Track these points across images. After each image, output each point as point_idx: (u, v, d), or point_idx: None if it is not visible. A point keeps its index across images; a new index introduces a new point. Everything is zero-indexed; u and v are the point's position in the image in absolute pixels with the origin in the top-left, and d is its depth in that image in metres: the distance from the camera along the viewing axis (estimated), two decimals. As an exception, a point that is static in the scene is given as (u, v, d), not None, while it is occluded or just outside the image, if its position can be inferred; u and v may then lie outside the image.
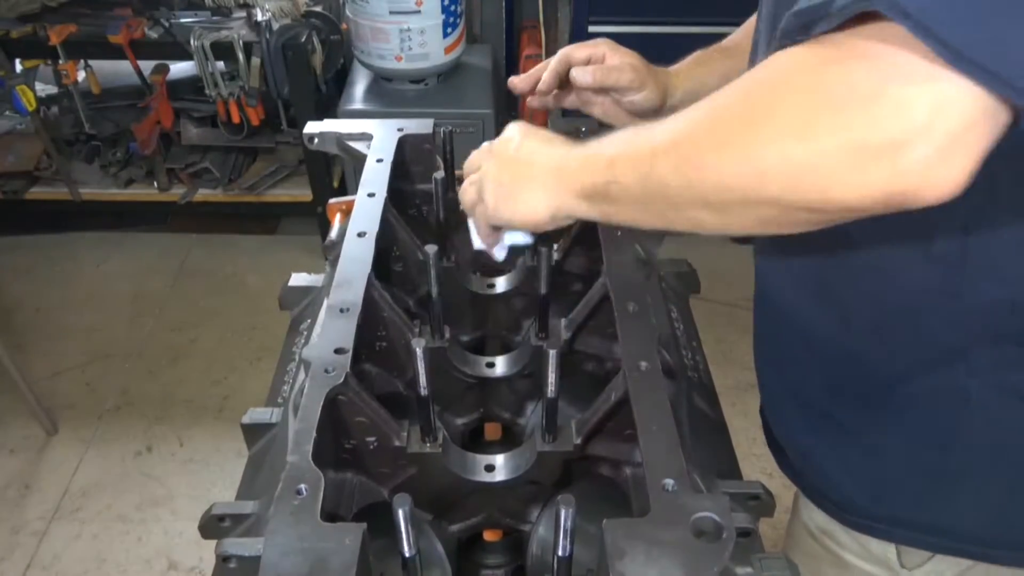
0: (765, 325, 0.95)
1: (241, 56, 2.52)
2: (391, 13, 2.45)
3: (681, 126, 0.62)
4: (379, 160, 1.03)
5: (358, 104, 2.65)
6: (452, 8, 2.54)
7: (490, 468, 0.81)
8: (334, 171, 2.95)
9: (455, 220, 1.08)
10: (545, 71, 1.02)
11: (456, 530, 0.87)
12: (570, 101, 1.06)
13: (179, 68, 2.89)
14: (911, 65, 0.48)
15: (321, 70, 2.64)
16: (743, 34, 1.03)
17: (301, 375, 0.88)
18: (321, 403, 0.71)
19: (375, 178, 1.00)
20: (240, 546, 0.66)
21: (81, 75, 2.80)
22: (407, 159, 1.09)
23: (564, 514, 0.60)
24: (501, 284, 1.03)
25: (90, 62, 2.88)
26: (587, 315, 0.90)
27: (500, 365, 0.94)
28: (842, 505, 0.90)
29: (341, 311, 0.81)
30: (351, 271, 0.86)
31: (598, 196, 0.70)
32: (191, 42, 2.50)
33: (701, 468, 0.76)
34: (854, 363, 0.81)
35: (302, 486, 0.64)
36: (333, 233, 1.08)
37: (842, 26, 0.51)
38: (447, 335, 0.91)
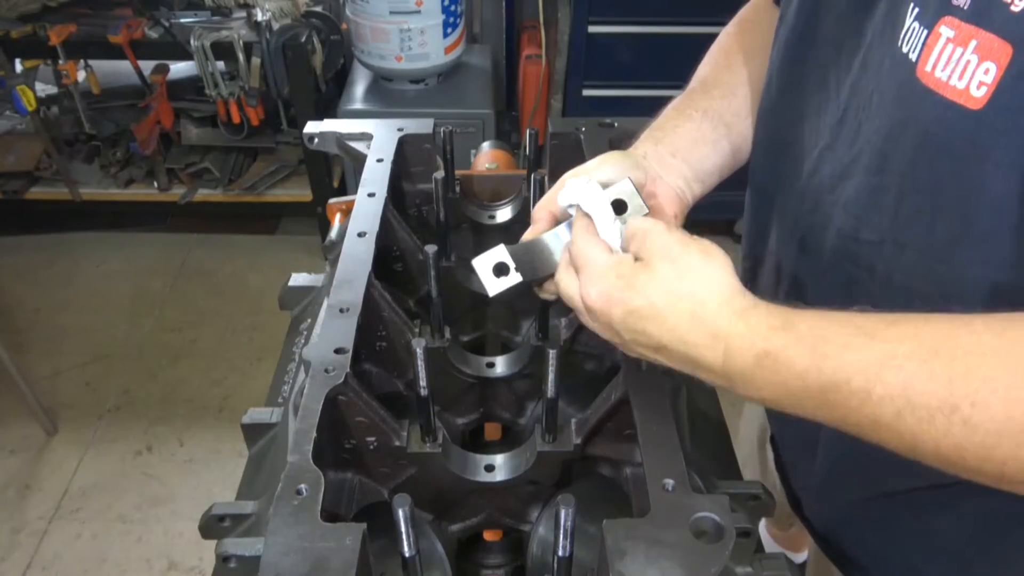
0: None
1: (241, 56, 2.52)
2: (391, 13, 2.45)
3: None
4: (379, 160, 1.03)
5: (358, 104, 2.65)
6: (452, 8, 2.54)
7: (490, 468, 0.81)
8: (334, 171, 2.95)
9: (455, 220, 1.08)
10: None
11: (456, 530, 0.87)
12: None
13: (179, 68, 2.89)
14: None
15: (321, 70, 2.64)
16: (718, 86, 0.91)
17: (301, 375, 0.88)
18: (321, 403, 0.71)
19: (375, 178, 1.00)
20: (240, 546, 0.66)
21: (81, 75, 2.80)
22: (407, 159, 1.09)
23: (564, 514, 0.60)
24: (501, 284, 1.03)
25: (90, 62, 2.88)
26: (587, 315, 0.90)
27: (500, 365, 0.94)
28: None
29: (341, 311, 0.81)
30: (351, 271, 0.86)
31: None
32: (191, 42, 2.50)
33: (701, 468, 0.76)
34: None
35: (302, 486, 0.64)
36: (333, 233, 1.08)
37: None
38: (447, 335, 0.91)
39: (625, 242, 0.68)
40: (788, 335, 0.57)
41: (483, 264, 0.73)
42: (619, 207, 0.71)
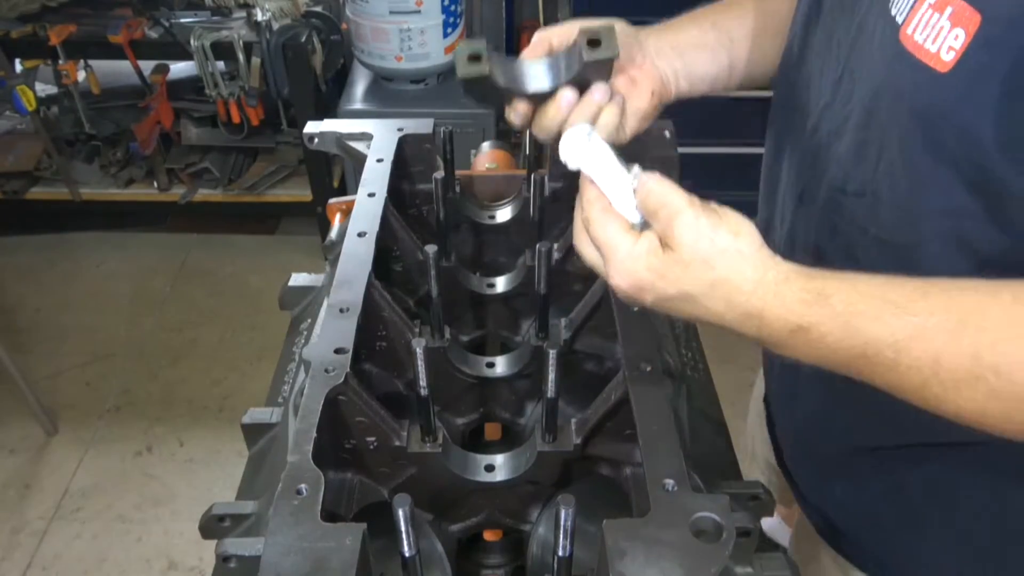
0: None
1: (241, 56, 2.52)
2: (391, 13, 2.45)
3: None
4: (379, 160, 1.03)
5: (358, 104, 2.65)
6: (452, 8, 2.54)
7: (490, 468, 0.81)
8: (334, 171, 2.95)
9: (455, 220, 1.08)
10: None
11: (456, 530, 0.87)
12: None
13: (179, 68, 2.89)
14: None
15: (321, 70, 2.63)
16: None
17: (301, 375, 0.88)
18: (321, 403, 0.71)
19: (375, 178, 1.00)
20: (240, 546, 0.66)
21: (81, 75, 2.80)
22: (407, 159, 1.09)
23: (564, 514, 0.60)
24: (501, 284, 1.03)
25: (90, 62, 2.88)
26: (587, 315, 0.90)
27: (500, 365, 0.94)
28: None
29: (341, 311, 0.81)
30: (351, 271, 0.86)
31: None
32: (191, 42, 2.50)
33: (701, 468, 0.76)
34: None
35: (302, 486, 0.64)
36: (333, 233, 1.08)
37: None
38: (447, 335, 0.91)
39: (644, 210, 0.66)
40: (822, 310, 0.59)
41: (462, 49, 0.74)
42: (593, 42, 0.72)
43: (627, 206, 0.67)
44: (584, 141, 0.70)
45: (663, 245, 0.63)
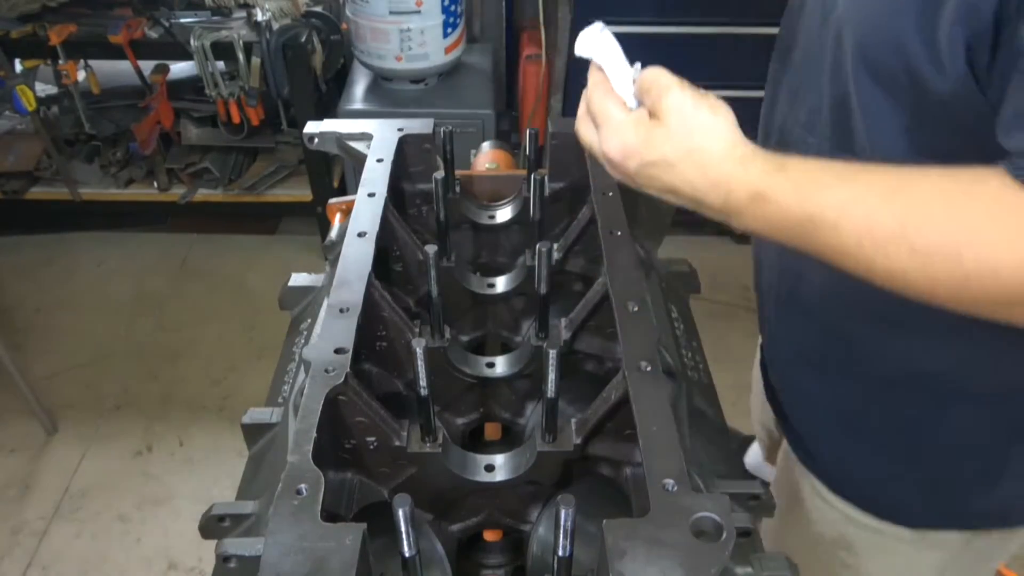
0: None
1: (241, 56, 2.52)
2: (391, 13, 2.45)
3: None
4: (379, 160, 1.03)
5: (358, 104, 2.65)
6: (452, 8, 2.54)
7: (490, 468, 0.81)
8: (334, 171, 2.95)
9: (455, 220, 1.08)
10: None
11: (456, 530, 0.87)
12: None
13: (179, 68, 2.89)
14: None
15: (321, 70, 2.64)
16: None
17: (301, 375, 0.88)
18: (321, 403, 0.71)
19: (375, 178, 1.00)
20: (240, 546, 0.66)
21: (81, 75, 2.80)
22: (407, 159, 1.09)
23: (564, 514, 0.60)
24: (501, 284, 1.03)
25: (90, 62, 2.88)
26: (587, 315, 0.90)
27: (500, 365, 0.94)
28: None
29: (341, 311, 0.81)
30: (351, 271, 0.86)
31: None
32: (191, 42, 2.50)
33: (701, 468, 0.76)
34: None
35: (302, 486, 0.64)
36: (333, 233, 1.08)
37: None
38: (447, 335, 0.91)
39: (639, 92, 0.74)
40: (778, 177, 0.67)
41: None
42: None
43: (626, 92, 0.76)
44: (597, 35, 0.79)
45: (651, 117, 0.72)
